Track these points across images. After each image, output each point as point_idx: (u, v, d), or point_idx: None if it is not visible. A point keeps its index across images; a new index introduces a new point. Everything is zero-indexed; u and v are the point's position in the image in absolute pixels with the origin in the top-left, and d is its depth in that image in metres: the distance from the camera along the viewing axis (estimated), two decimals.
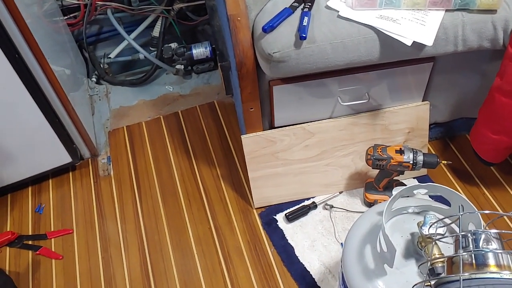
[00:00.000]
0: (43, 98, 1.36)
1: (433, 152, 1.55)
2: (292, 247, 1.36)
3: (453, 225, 0.92)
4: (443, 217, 0.94)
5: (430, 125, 1.46)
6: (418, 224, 0.89)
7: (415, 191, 0.96)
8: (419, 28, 1.12)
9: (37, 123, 1.40)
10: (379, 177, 1.35)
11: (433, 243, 0.81)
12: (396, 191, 0.94)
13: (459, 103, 1.44)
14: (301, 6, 1.17)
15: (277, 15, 1.14)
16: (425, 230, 0.86)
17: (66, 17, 1.81)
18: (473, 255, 0.67)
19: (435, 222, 0.80)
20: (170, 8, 1.84)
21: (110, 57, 1.93)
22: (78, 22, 1.83)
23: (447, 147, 1.57)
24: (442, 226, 0.84)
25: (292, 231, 1.39)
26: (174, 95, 1.87)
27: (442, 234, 0.85)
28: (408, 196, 1.00)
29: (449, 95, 1.41)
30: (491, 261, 0.67)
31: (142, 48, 1.86)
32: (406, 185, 1.40)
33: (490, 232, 0.69)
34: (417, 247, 0.90)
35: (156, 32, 1.88)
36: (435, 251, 0.83)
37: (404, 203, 0.98)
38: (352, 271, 0.96)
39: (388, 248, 0.87)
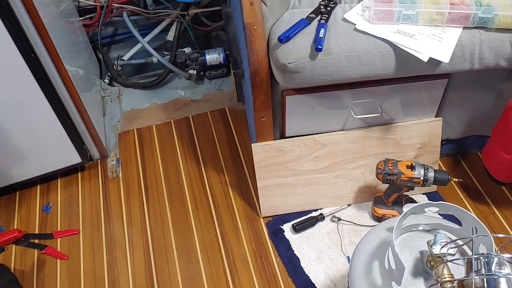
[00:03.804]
0: (56, 98, 1.37)
1: (444, 169, 1.54)
2: (298, 258, 1.35)
3: (464, 246, 0.91)
4: (453, 236, 0.93)
5: (442, 141, 1.44)
6: (428, 242, 0.88)
7: (426, 209, 0.95)
8: (436, 44, 1.11)
9: (48, 123, 1.41)
10: (389, 192, 1.34)
11: (444, 263, 0.79)
12: (407, 208, 0.93)
13: (472, 121, 1.43)
14: (318, 18, 1.17)
15: (294, 26, 1.14)
16: (435, 250, 0.85)
17: (82, 18, 1.82)
18: (485, 280, 0.66)
19: (447, 243, 0.79)
20: (186, 13, 1.85)
21: (123, 59, 1.94)
22: (94, 23, 1.84)
23: (458, 164, 1.55)
24: (454, 247, 0.83)
25: (299, 242, 1.38)
26: (185, 100, 1.87)
27: (453, 255, 0.84)
28: (418, 213, 0.99)
29: (462, 112, 1.40)
30: (503, 286, 0.66)
31: (155, 52, 1.87)
32: (415, 201, 1.39)
33: (503, 256, 0.68)
34: (426, 266, 0.89)
35: (170, 36, 1.89)
36: (445, 271, 0.82)
37: (414, 220, 0.97)
38: (359, 287, 0.95)
39: (396, 266, 0.86)
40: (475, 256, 0.69)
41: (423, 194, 1.46)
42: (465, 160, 1.56)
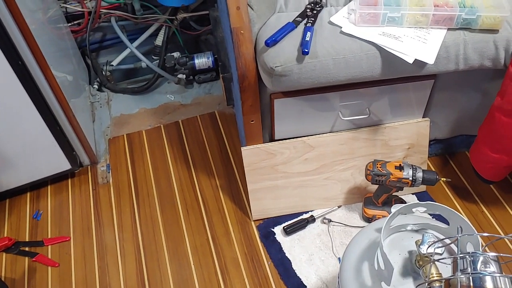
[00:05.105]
0: (44, 105, 1.36)
1: (433, 169, 1.55)
2: (289, 260, 1.35)
3: (452, 245, 0.92)
4: (441, 235, 0.94)
5: (430, 141, 1.46)
6: (416, 242, 0.89)
7: (414, 209, 0.96)
8: (421, 46, 1.12)
9: (37, 129, 1.41)
10: (378, 193, 1.35)
11: (431, 263, 0.80)
12: (395, 208, 0.94)
13: (459, 120, 1.44)
14: (304, 21, 1.18)
15: (280, 30, 1.14)
16: (423, 249, 0.85)
17: (70, 24, 1.82)
18: (470, 278, 0.67)
19: (434, 243, 0.80)
20: (174, 17, 1.85)
21: (112, 65, 1.94)
22: (82, 29, 1.84)
23: (446, 164, 1.57)
24: (441, 246, 0.84)
25: (290, 244, 1.38)
26: (175, 104, 1.87)
27: (440, 254, 0.85)
28: (406, 214, 1.00)
29: (449, 112, 1.42)
30: (489, 284, 0.67)
31: (144, 57, 1.87)
32: (405, 201, 1.41)
33: (488, 255, 0.69)
34: (414, 266, 0.90)
35: (159, 41, 1.89)
36: (433, 270, 0.83)
37: (402, 221, 0.98)
38: (349, 287, 0.95)
39: (385, 266, 0.86)
40: (461, 255, 0.70)
41: (412, 194, 1.48)
42: (453, 160, 1.57)
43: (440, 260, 0.81)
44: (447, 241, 0.82)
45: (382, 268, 0.88)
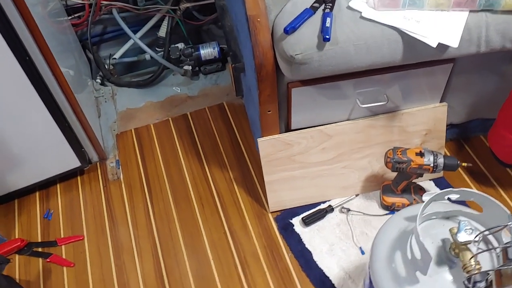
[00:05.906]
0: (52, 101, 1.33)
1: (448, 154, 1.54)
2: (310, 251, 1.33)
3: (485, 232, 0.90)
4: (475, 223, 0.93)
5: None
6: (451, 230, 0.87)
7: (445, 196, 0.94)
8: (444, 29, 1.10)
9: (45, 126, 1.37)
10: (398, 180, 1.33)
11: (476, 255, 0.78)
12: (427, 196, 0.92)
13: (476, 104, 1.42)
14: (322, 7, 1.14)
15: (299, 16, 1.11)
16: (461, 237, 0.84)
17: (70, 17, 1.77)
18: None
19: (481, 233, 0.78)
20: (177, 7, 1.81)
21: (115, 58, 1.89)
22: (83, 22, 1.79)
23: (461, 148, 1.55)
24: (479, 234, 0.82)
25: (309, 235, 1.36)
26: (182, 97, 1.83)
27: (477, 241, 0.83)
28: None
29: (466, 96, 1.40)
30: None
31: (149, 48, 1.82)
32: (424, 188, 1.39)
33: None
34: (449, 254, 0.88)
35: (162, 32, 1.84)
36: (472, 259, 0.81)
37: (431, 209, 0.96)
38: (382, 278, 0.93)
39: (422, 255, 0.85)
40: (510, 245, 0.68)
41: (430, 180, 1.46)
42: (469, 144, 1.56)
43: (486, 250, 0.79)
44: (490, 230, 0.81)
45: (417, 257, 0.86)
